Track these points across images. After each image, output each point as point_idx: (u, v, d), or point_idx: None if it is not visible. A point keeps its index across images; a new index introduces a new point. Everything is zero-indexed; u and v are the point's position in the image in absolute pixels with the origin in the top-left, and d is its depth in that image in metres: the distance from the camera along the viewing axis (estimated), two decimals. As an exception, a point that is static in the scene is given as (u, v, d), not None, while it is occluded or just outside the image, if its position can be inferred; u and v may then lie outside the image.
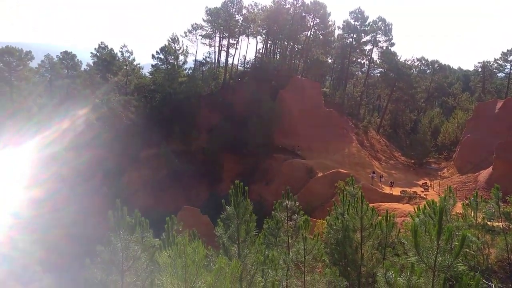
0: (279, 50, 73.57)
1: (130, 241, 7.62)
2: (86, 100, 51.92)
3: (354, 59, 76.58)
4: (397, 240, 12.92)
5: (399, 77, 66.84)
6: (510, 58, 70.21)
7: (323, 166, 47.44)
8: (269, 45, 71.98)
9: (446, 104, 78.62)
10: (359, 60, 77.59)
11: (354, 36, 70.97)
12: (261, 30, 68.84)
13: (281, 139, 54.54)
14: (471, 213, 14.02)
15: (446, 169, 53.39)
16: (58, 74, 60.77)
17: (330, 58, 76.18)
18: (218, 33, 67.05)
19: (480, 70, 79.45)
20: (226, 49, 68.11)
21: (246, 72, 70.55)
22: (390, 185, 44.17)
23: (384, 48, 71.37)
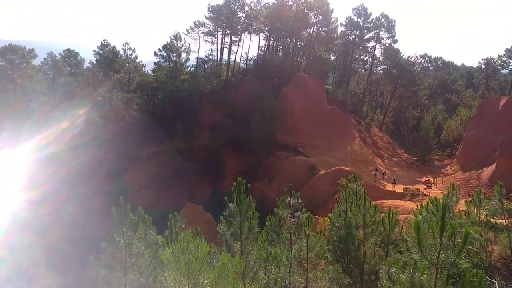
0: (282, 47, 73.38)
1: (133, 238, 7.66)
2: (88, 98, 52.04)
3: (357, 56, 76.33)
4: (399, 237, 12.90)
5: (402, 74, 66.53)
6: (514, 55, 69.75)
7: (326, 164, 47.43)
8: (271, 42, 71.82)
9: (450, 101, 78.17)
10: (362, 57, 77.34)
11: (357, 33, 70.69)
12: (263, 27, 68.64)
13: (283, 137, 54.52)
14: (474, 210, 13.97)
15: (449, 166, 53.21)
16: (61, 72, 60.96)
17: (333, 55, 75.99)
18: (221, 30, 66.96)
19: (483, 67, 78.90)
20: (228, 46, 68.07)
21: (248, 69, 70.47)
22: (393, 182, 44.08)
23: (387, 45, 71.08)
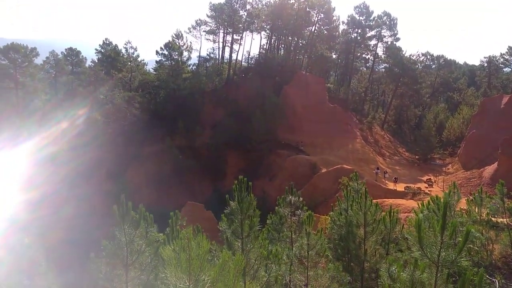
0: (283, 45, 73.33)
1: (134, 235, 7.69)
2: (90, 96, 52.13)
3: (359, 54, 76.20)
4: (400, 235, 12.91)
5: (404, 72, 66.40)
6: (517, 53, 69.56)
7: (327, 162, 47.41)
8: (273, 40, 71.78)
9: (452, 99, 77.97)
10: (364, 55, 77.21)
11: (359, 31, 70.59)
12: (265, 26, 68.61)
13: (285, 135, 54.51)
14: (475, 209, 13.96)
15: (450, 165, 53.12)
16: (63, 70, 61.02)
17: (335, 54, 75.88)
18: (222, 29, 66.95)
19: (486, 65, 78.64)
20: (230, 45, 68.10)
21: (250, 68, 70.43)
22: (394, 181, 44.03)
23: (389, 43, 70.95)
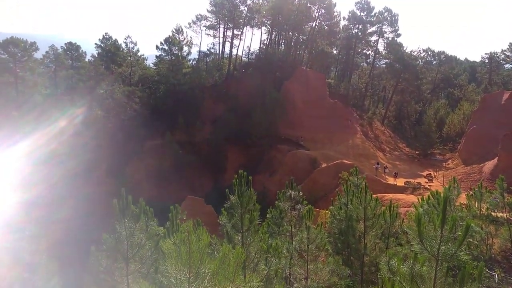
0: (284, 41, 73.01)
1: (135, 229, 7.71)
2: (90, 91, 52.02)
3: (360, 50, 75.90)
4: (400, 230, 12.96)
5: (405, 68, 66.23)
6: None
7: (327, 157, 47.44)
8: (273, 36, 71.45)
9: (452, 95, 77.84)
10: (365, 51, 76.88)
11: (360, 27, 70.24)
12: (265, 21, 68.28)
13: (285, 130, 54.48)
14: (475, 203, 14.00)
15: (451, 160, 53.16)
16: (63, 65, 60.81)
17: (335, 49, 75.55)
18: (223, 24, 66.67)
19: (487, 61, 78.43)
20: (230, 40, 67.82)
21: (250, 63, 70.22)
22: (394, 176, 44.10)
23: (390, 39, 70.61)
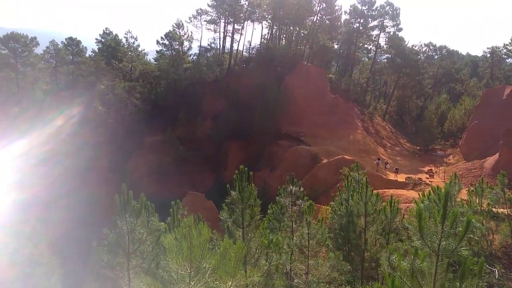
0: (285, 35, 72.67)
1: (136, 224, 7.73)
2: (91, 86, 51.96)
3: (361, 45, 75.51)
4: (401, 225, 12.96)
5: (406, 63, 65.95)
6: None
7: (328, 153, 47.38)
8: (274, 30, 71.12)
9: (454, 90, 77.59)
10: (366, 45, 76.48)
11: (361, 21, 69.84)
12: (266, 15, 67.93)
13: (286, 126, 54.39)
14: (476, 199, 13.99)
15: (452, 155, 53.06)
16: (63, 60, 60.69)
17: (336, 44, 75.16)
18: (223, 18, 66.35)
19: (488, 55, 78.12)
20: (231, 34, 67.51)
21: (251, 58, 69.95)
22: (395, 171, 44.05)
23: (391, 33, 70.22)
